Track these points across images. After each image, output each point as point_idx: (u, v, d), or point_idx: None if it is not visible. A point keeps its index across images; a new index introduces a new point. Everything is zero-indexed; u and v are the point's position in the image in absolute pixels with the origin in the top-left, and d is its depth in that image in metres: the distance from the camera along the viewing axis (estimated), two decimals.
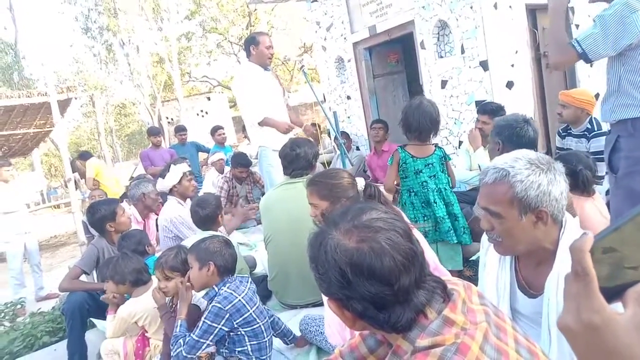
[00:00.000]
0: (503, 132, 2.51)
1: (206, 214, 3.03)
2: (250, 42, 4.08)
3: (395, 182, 3.04)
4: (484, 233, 1.54)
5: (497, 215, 1.36)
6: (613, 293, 0.50)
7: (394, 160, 3.01)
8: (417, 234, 2.23)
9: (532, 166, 1.31)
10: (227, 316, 2.06)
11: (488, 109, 3.66)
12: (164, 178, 3.67)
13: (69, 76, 23.42)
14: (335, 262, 0.86)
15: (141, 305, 2.50)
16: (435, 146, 3.05)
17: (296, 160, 2.82)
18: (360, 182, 2.13)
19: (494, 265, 1.56)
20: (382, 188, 2.63)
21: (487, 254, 1.60)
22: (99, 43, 21.56)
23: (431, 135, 2.97)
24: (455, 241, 2.92)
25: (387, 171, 3.11)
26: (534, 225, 1.33)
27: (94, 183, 6.28)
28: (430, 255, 2.22)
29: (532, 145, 2.45)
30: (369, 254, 0.84)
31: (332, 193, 2.06)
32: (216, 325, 2.06)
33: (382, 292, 0.83)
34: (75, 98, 8.27)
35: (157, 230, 4.06)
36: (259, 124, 3.89)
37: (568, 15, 4.71)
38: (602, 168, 3.26)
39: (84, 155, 6.98)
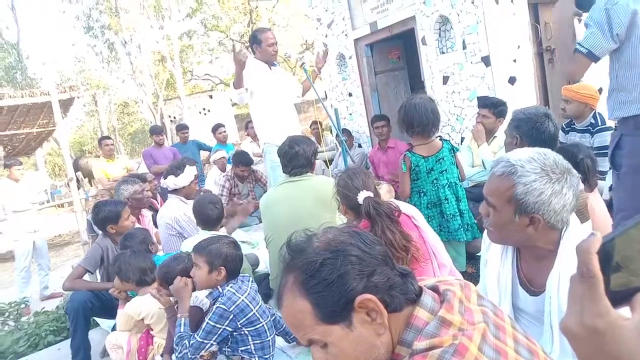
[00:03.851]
0: (522, 126, 2.34)
1: (219, 213, 3.03)
2: (253, 42, 4.05)
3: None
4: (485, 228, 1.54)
5: (493, 206, 1.38)
6: (621, 297, 0.47)
7: (406, 166, 2.95)
8: (436, 238, 2.20)
9: (542, 172, 1.28)
10: (231, 317, 2.07)
11: (488, 103, 3.65)
12: (176, 176, 3.62)
13: (71, 75, 23.44)
14: (342, 244, 0.88)
15: (147, 304, 2.51)
16: (442, 140, 3.03)
17: (295, 158, 2.79)
18: (362, 196, 2.01)
19: (495, 262, 1.55)
20: (384, 190, 2.58)
21: (489, 251, 1.60)
22: (100, 42, 21.53)
23: (433, 129, 2.95)
24: (464, 239, 2.90)
25: (401, 178, 3.05)
26: (526, 227, 1.33)
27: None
28: (447, 259, 2.18)
29: (552, 141, 2.28)
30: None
31: (343, 201, 2.15)
32: (220, 326, 2.06)
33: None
34: (78, 97, 8.26)
35: (155, 226, 4.05)
36: (234, 88, 3.86)
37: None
38: (604, 163, 3.24)
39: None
